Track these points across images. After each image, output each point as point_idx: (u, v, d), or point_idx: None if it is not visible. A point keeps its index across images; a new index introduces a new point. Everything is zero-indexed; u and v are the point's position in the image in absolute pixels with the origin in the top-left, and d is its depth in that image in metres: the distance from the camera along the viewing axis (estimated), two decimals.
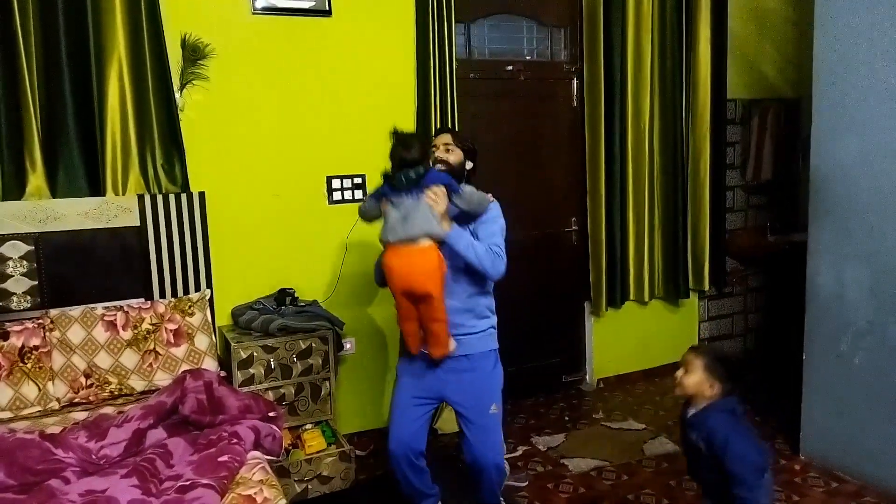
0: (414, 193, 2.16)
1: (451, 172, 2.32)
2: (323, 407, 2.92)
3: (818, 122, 2.89)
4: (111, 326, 2.61)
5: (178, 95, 2.89)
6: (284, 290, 3.01)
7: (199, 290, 2.91)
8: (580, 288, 3.96)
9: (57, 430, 2.21)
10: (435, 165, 2.35)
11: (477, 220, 2.33)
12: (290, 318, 2.85)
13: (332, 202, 3.26)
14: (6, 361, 2.44)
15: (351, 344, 3.35)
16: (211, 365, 2.73)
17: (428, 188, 2.16)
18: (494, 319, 2.46)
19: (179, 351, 2.70)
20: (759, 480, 1.87)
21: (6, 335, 2.47)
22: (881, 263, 2.69)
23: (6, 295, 2.59)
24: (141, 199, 2.79)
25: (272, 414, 2.33)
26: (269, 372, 2.78)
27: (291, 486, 2.73)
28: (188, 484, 1.83)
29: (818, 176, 2.90)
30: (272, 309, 2.92)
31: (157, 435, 2.14)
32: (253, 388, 2.74)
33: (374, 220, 2.31)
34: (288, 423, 2.80)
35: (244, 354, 2.74)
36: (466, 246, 2.23)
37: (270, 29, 3.07)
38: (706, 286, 4.13)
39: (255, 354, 2.76)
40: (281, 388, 2.82)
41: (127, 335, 2.62)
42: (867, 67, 2.68)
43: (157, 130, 2.84)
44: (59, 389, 2.51)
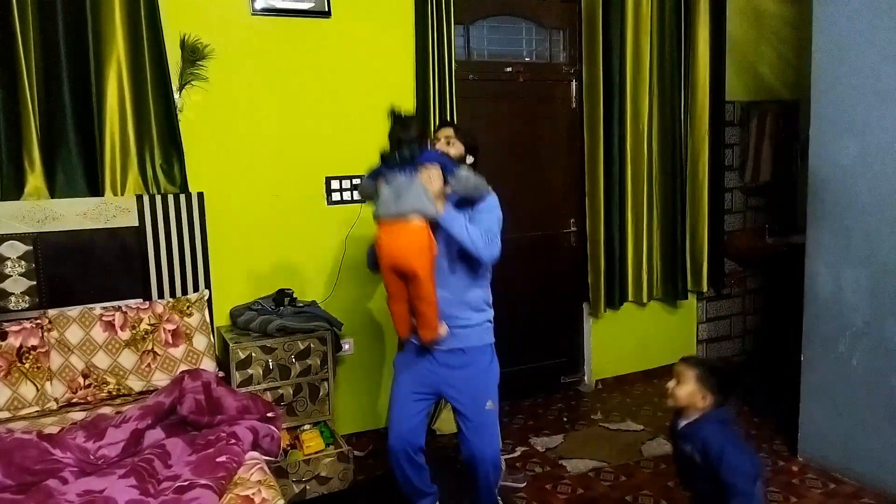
0: (408, 171, 2.16)
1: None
2: (321, 407, 2.92)
3: (816, 124, 2.89)
4: (109, 327, 2.61)
5: (177, 96, 2.90)
6: (283, 290, 3.01)
7: (197, 290, 2.91)
8: (579, 289, 3.96)
9: (55, 430, 2.21)
10: None
11: (474, 208, 2.31)
12: (288, 318, 2.85)
13: (330, 203, 3.26)
14: (4, 361, 2.43)
15: (349, 345, 3.35)
16: (209, 365, 2.73)
17: (423, 166, 2.17)
18: (491, 313, 2.45)
19: (178, 351, 2.70)
20: (753, 489, 1.88)
21: (4, 335, 2.47)
22: (879, 265, 2.69)
23: (4, 295, 2.59)
24: (140, 199, 2.79)
25: (270, 414, 2.33)
26: (267, 372, 2.78)
27: (290, 486, 2.72)
28: (186, 484, 1.83)
29: (816, 178, 2.91)
30: (270, 309, 2.92)
31: (155, 435, 2.14)
32: (251, 388, 2.73)
33: (371, 198, 2.30)
34: (286, 423, 2.79)
35: (242, 355, 2.74)
36: (460, 228, 2.22)
37: (270, 30, 3.07)
38: (704, 287, 4.14)
39: (253, 355, 2.76)
40: (279, 388, 2.82)
41: (125, 335, 2.62)
42: (865, 69, 2.69)
43: (155, 131, 2.84)
44: (57, 389, 2.51)
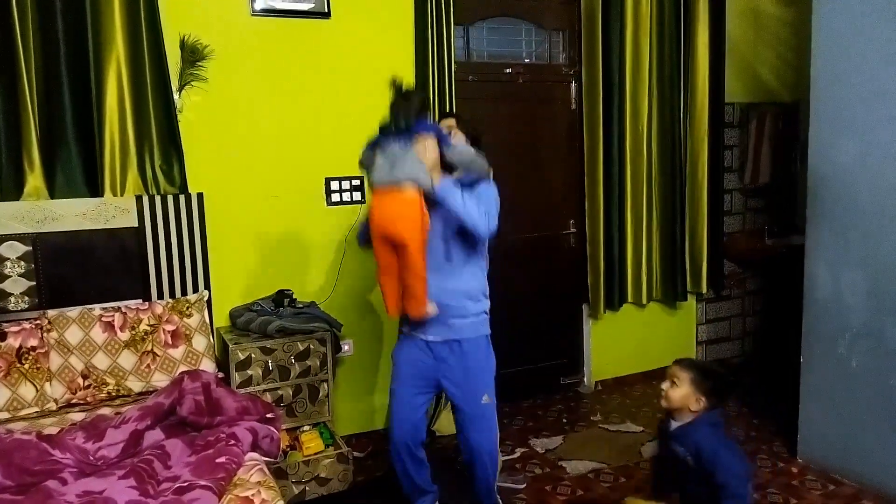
0: (404, 140, 2.18)
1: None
2: (321, 408, 2.92)
3: (816, 125, 2.90)
4: (109, 327, 2.61)
5: (176, 96, 2.89)
6: (283, 291, 3.01)
7: (197, 291, 2.91)
8: (578, 290, 3.96)
9: (54, 430, 2.20)
10: None
11: (472, 190, 2.30)
12: (288, 319, 2.85)
13: (330, 204, 3.26)
14: (4, 362, 2.43)
15: (349, 345, 3.35)
16: (209, 366, 2.72)
17: (418, 136, 2.18)
18: (487, 304, 2.44)
19: (177, 352, 2.69)
20: (746, 490, 1.89)
21: (4, 336, 2.47)
22: (879, 266, 2.70)
23: (4, 295, 2.59)
24: (139, 199, 2.79)
25: (270, 415, 2.33)
26: (266, 373, 2.78)
27: (289, 487, 2.72)
28: (186, 485, 1.83)
29: (816, 179, 2.91)
30: (270, 310, 2.92)
31: (154, 436, 2.14)
32: (251, 389, 2.73)
33: (369, 169, 2.30)
34: (286, 424, 2.79)
35: (242, 356, 2.74)
36: (456, 198, 2.21)
37: (269, 30, 3.07)
38: (704, 289, 4.14)
39: (252, 356, 2.76)
40: (279, 389, 2.82)
41: (125, 336, 2.62)
42: (865, 71, 2.69)
43: (155, 131, 2.84)
44: (56, 390, 2.50)
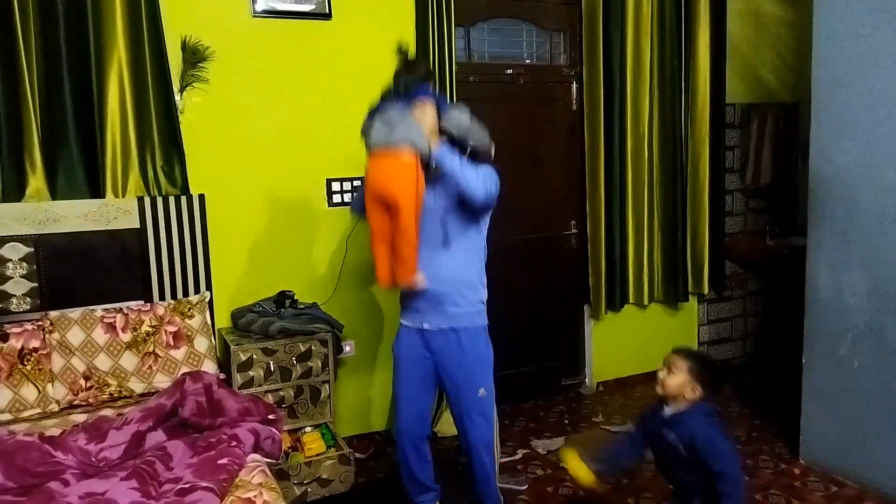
0: (403, 105, 2.20)
1: (451, 143, 2.32)
2: (322, 410, 2.92)
3: (817, 126, 2.90)
4: (111, 328, 2.61)
5: (178, 98, 2.90)
6: (284, 292, 3.01)
7: (198, 292, 2.91)
8: (579, 291, 3.96)
9: (56, 432, 2.20)
10: (440, 137, 2.38)
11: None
12: (289, 320, 2.85)
13: (331, 204, 3.26)
14: (6, 363, 2.43)
15: (350, 346, 3.35)
16: (210, 367, 2.72)
17: (417, 101, 2.20)
18: (485, 294, 2.43)
19: (179, 353, 2.69)
20: (739, 472, 1.93)
21: (6, 337, 2.47)
22: (880, 267, 2.69)
23: (6, 297, 2.59)
24: (141, 201, 2.80)
25: (272, 416, 2.33)
26: (268, 374, 2.78)
27: (291, 488, 2.72)
28: (187, 487, 1.83)
29: (817, 180, 2.91)
30: (272, 311, 2.91)
31: (156, 437, 2.14)
32: (252, 390, 2.73)
33: (369, 134, 2.30)
34: (287, 425, 2.79)
35: (244, 357, 2.74)
36: (453, 163, 2.21)
37: (270, 32, 3.07)
38: (705, 290, 4.14)
39: (254, 357, 2.76)
40: (280, 390, 2.82)
41: (126, 337, 2.62)
42: (866, 71, 2.69)
43: (156, 132, 2.85)
44: (58, 391, 2.50)
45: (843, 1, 2.75)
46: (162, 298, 2.84)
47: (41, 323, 2.56)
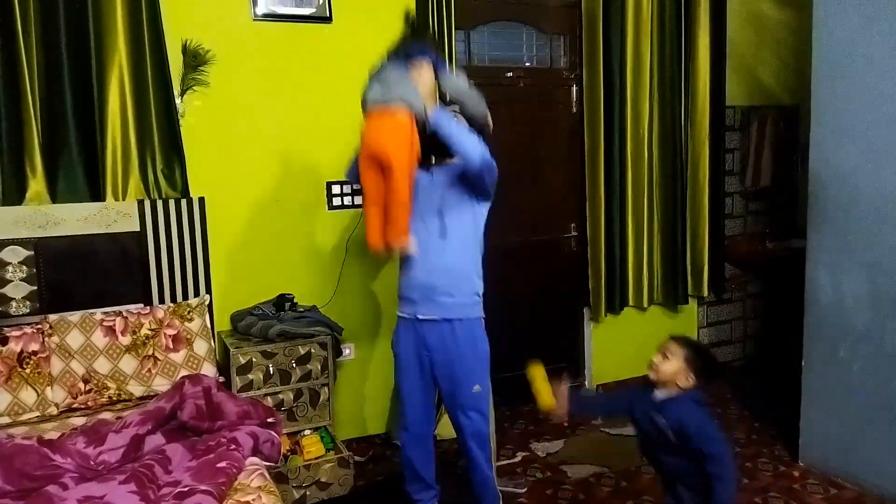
0: (401, 66, 2.21)
1: None
2: (322, 413, 2.92)
3: (816, 128, 2.90)
4: (110, 332, 2.61)
5: (178, 101, 2.90)
6: (283, 295, 3.01)
7: (198, 295, 2.91)
8: (579, 293, 3.96)
9: (55, 435, 2.20)
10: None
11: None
12: (288, 323, 2.85)
13: (331, 208, 3.26)
14: (5, 367, 2.43)
15: (350, 349, 3.35)
16: (210, 370, 2.72)
17: (415, 63, 2.21)
18: (481, 286, 2.42)
19: (178, 356, 2.69)
20: (732, 460, 1.93)
21: (5, 340, 2.47)
22: (880, 270, 2.69)
23: (5, 300, 2.59)
24: (141, 204, 2.80)
25: (271, 420, 2.33)
26: (267, 377, 2.78)
27: (290, 492, 2.72)
28: (186, 490, 1.83)
29: (817, 182, 2.91)
30: (271, 314, 2.92)
31: (155, 441, 2.14)
32: (252, 393, 2.73)
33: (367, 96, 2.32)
34: (286, 428, 2.79)
35: (243, 360, 2.74)
36: (450, 125, 2.23)
37: (271, 35, 3.08)
38: (705, 292, 4.13)
39: (253, 360, 2.76)
40: (280, 393, 2.82)
41: (126, 340, 2.62)
42: (865, 74, 2.69)
43: (157, 136, 2.85)
44: (57, 395, 2.50)
45: (842, 4, 2.75)
46: (161, 301, 2.84)
47: (40, 326, 2.56)
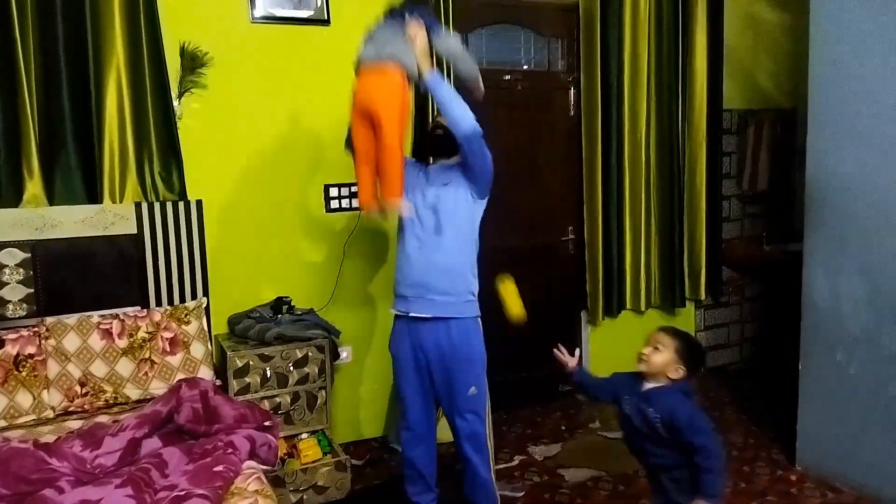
0: (394, 24, 2.22)
1: (448, 137, 2.34)
2: (319, 416, 2.92)
3: (813, 132, 2.90)
4: (107, 335, 2.61)
5: (176, 103, 2.90)
6: (281, 298, 3.01)
7: (195, 298, 2.91)
8: (577, 296, 3.96)
9: (51, 438, 2.19)
10: (435, 131, 2.42)
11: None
12: (286, 326, 2.85)
13: (329, 210, 3.26)
14: (1, 370, 2.42)
15: (347, 353, 3.34)
16: (207, 374, 2.72)
17: (409, 23, 2.23)
18: (476, 285, 2.42)
19: (175, 359, 2.69)
20: (718, 447, 1.93)
21: (1, 343, 2.46)
22: (876, 273, 2.70)
23: (2, 303, 2.58)
24: (138, 206, 2.79)
25: (268, 423, 2.32)
26: (265, 381, 2.77)
27: (286, 496, 2.71)
28: (183, 494, 1.82)
29: (813, 186, 2.91)
30: (268, 317, 2.91)
31: (152, 444, 2.13)
32: (249, 397, 2.73)
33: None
34: (284, 432, 2.79)
35: (240, 363, 2.74)
36: (445, 89, 2.24)
37: (269, 37, 3.08)
38: (702, 295, 4.14)
39: (251, 363, 2.75)
40: (277, 397, 2.81)
41: (122, 343, 2.62)
42: (863, 77, 2.70)
43: (154, 138, 2.85)
44: (53, 398, 2.50)
45: (839, 7, 2.76)
46: (159, 304, 2.84)
47: (37, 329, 2.55)
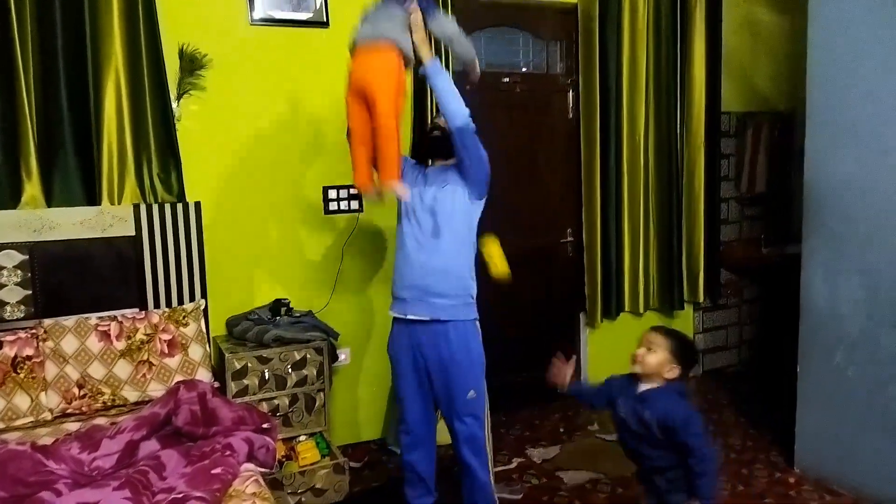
0: (391, 5, 2.22)
1: (446, 139, 2.34)
2: (317, 418, 2.91)
3: (812, 135, 2.91)
4: (105, 336, 2.60)
5: (175, 105, 2.90)
6: (279, 300, 3.01)
7: (193, 300, 2.90)
8: (575, 299, 3.96)
9: (49, 441, 2.19)
10: (433, 132, 2.41)
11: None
12: (284, 328, 2.84)
13: (328, 212, 3.26)
14: None
15: (346, 355, 3.34)
16: (205, 376, 2.71)
17: (406, 5, 2.22)
18: (474, 287, 2.41)
19: (173, 361, 2.68)
20: (712, 450, 1.94)
21: None
22: (874, 276, 2.70)
23: (0, 304, 2.58)
24: (136, 208, 2.79)
25: (266, 425, 2.32)
26: (263, 383, 2.77)
27: (285, 498, 2.71)
28: (181, 496, 1.82)
29: (812, 188, 2.92)
30: (267, 319, 2.91)
31: (150, 446, 2.13)
32: (247, 399, 2.73)
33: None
34: (282, 434, 2.78)
35: (238, 365, 2.73)
36: (443, 79, 2.24)
37: (268, 39, 3.08)
38: (701, 297, 4.15)
39: (249, 365, 2.75)
40: (275, 399, 2.81)
41: (121, 345, 2.61)
42: (861, 80, 2.70)
43: (153, 140, 2.84)
44: (51, 400, 2.49)
45: (837, 10, 2.77)
46: (157, 306, 2.83)
47: (35, 331, 2.55)
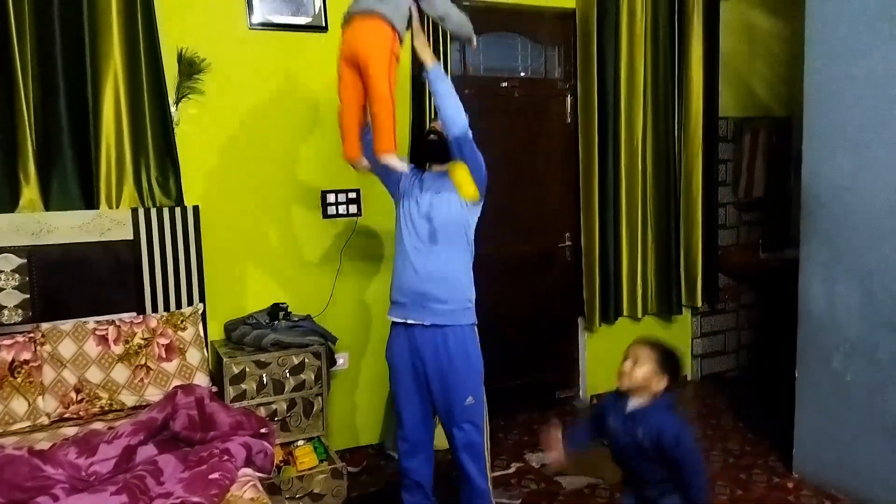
0: None
1: (443, 144, 2.33)
2: (315, 423, 2.91)
3: (809, 140, 2.92)
4: (103, 341, 2.60)
5: (173, 109, 2.90)
6: (277, 304, 3.00)
7: (191, 304, 2.90)
8: (574, 303, 3.96)
9: (46, 445, 2.18)
10: (430, 136, 2.41)
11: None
12: (282, 333, 2.84)
13: (326, 216, 3.26)
14: None
15: (344, 359, 3.34)
16: (203, 380, 2.71)
17: None
18: (472, 292, 2.40)
19: (171, 366, 2.68)
20: (701, 463, 1.95)
21: None
22: (872, 281, 2.71)
23: None
24: (135, 212, 2.79)
25: (264, 430, 2.32)
26: (261, 387, 2.76)
27: (283, 503, 2.70)
28: (178, 502, 1.82)
29: (809, 193, 2.93)
30: (265, 324, 2.91)
31: (147, 451, 2.12)
32: (245, 403, 2.72)
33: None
34: (280, 439, 2.77)
35: (236, 370, 2.73)
36: (444, 84, 2.24)
37: (267, 44, 3.08)
38: (699, 302, 4.15)
39: (247, 370, 2.74)
40: (273, 403, 2.80)
41: (118, 350, 2.60)
42: (858, 85, 2.71)
43: (151, 144, 2.84)
44: (49, 404, 2.48)
45: (835, 15, 2.78)
46: (155, 310, 2.83)
47: (33, 335, 2.54)
